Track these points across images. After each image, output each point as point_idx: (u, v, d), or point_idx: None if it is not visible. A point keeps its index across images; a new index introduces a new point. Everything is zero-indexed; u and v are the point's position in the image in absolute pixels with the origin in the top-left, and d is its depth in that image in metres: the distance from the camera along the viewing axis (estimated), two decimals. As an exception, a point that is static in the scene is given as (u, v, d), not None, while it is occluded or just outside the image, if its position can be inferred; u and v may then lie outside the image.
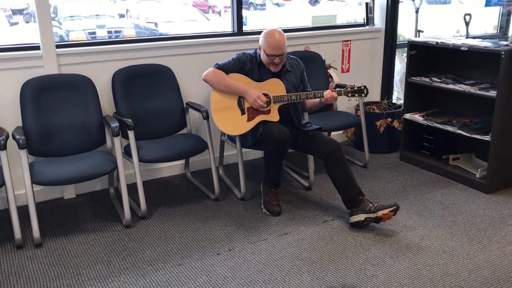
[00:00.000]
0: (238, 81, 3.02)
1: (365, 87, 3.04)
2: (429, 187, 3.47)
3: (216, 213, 3.09)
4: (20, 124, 2.94)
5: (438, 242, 2.72)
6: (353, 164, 3.89)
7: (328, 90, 2.94)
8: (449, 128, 3.52)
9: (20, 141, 2.65)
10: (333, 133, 4.16)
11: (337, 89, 3.01)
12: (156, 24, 7.14)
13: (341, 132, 4.36)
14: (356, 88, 3.03)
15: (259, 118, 3.00)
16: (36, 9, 2.95)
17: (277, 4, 9.61)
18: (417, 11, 4.65)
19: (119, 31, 7.07)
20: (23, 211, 2.94)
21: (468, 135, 3.38)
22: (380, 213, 2.77)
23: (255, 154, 3.94)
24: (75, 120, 3.04)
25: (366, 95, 3.05)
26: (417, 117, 3.78)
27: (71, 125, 3.02)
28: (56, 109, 3.01)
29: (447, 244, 2.70)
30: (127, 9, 8.10)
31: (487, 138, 3.28)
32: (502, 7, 4.97)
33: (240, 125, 3.03)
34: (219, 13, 8.28)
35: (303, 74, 3.17)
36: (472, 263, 2.52)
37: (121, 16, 7.84)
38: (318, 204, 3.20)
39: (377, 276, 2.41)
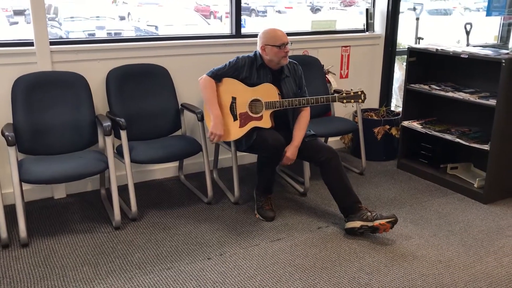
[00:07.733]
0: (231, 86, 2.98)
1: (362, 92, 2.92)
2: (426, 196, 3.41)
3: (208, 217, 3.03)
4: (11, 121, 2.88)
5: (434, 252, 2.66)
6: (350, 171, 3.84)
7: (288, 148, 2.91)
8: (448, 137, 3.48)
9: (9, 138, 2.59)
10: (330, 139, 4.11)
11: (333, 94, 2.91)
12: (156, 27, 7.12)
13: (338, 138, 4.31)
14: (352, 94, 2.92)
15: (251, 125, 2.94)
16: (31, 4, 2.90)
17: (279, 11, 9.62)
18: (417, 19, 4.62)
19: (119, 33, 7.04)
20: (11, 209, 2.88)
21: (467, 144, 3.33)
22: (377, 223, 2.71)
23: (250, 158, 3.89)
24: (67, 118, 2.98)
25: (363, 101, 2.93)
26: (416, 125, 3.73)
27: (62, 123, 2.96)
28: (48, 107, 2.96)
29: (443, 254, 2.64)
30: (129, 12, 8.08)
31: (486, 147, 3.23)
32: (502, 18, 4.95)
33: (232, 131, 2.98)
34: (220, 18, 8.26)
35: (301, 79, 3.11)
36: (468, 274, 2.46)
37: (122, 18, 7.82)
38: (312, 210, 3.14)
39: (371, 285, 2.35)
